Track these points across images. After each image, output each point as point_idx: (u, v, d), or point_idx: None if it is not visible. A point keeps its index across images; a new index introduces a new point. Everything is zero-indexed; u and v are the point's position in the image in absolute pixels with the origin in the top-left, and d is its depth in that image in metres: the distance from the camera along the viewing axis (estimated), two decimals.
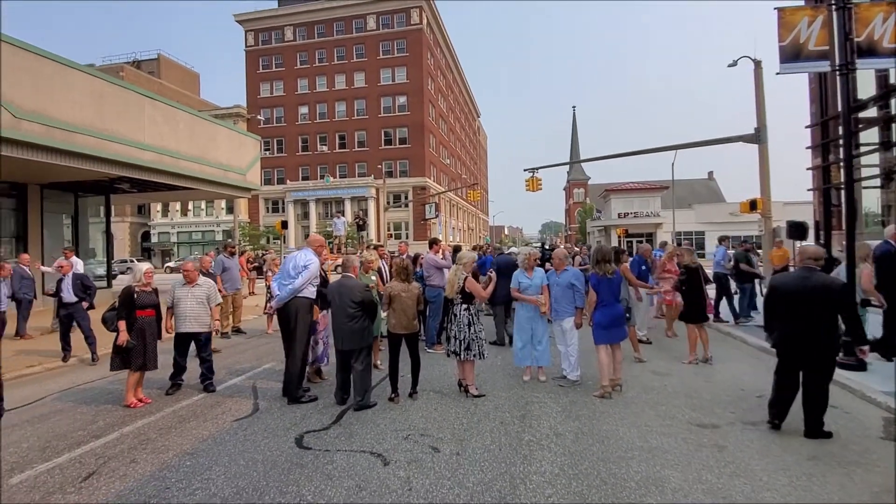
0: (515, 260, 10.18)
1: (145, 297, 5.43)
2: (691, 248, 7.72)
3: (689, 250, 7.42)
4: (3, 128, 8.79)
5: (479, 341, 5.28)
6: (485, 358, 5.46)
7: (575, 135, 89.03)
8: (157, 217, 52.93)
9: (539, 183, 21.45)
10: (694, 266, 6.96)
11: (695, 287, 6.88)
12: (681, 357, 7.08)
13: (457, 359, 5.42)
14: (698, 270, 6.96)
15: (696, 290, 6.88)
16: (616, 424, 4.56)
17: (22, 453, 4.15)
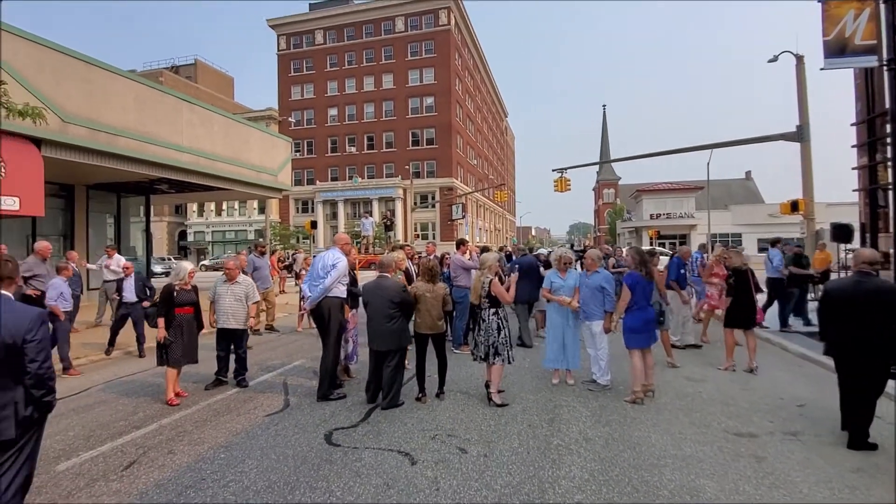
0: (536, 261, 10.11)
1: (184, 296, 5.53)
2: (740, 250, 7.26)
3: (737, 252, 6.99)
4: (51, 131, 9.28)
5: (508, 345, 5.18)
6: (512, 362, 5.36)
7: (605, 134, 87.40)
8: (193, 217, 54.82)
9: (568, 183, 21.15)
10: (743, 269, 6.56)
11: (744, 291, 6.48)
12: (716, 363, 6.84)
13: (481, 361, 5.31)
14: (748, 273, 6.54)
15: (745, 293, 6.48)
16: (648, 431, 4.45)
17: (68, 441, 4.36)
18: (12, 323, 2.48)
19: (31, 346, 2.49)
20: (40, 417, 2.62)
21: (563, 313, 5.94)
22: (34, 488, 3.43)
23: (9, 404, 2.47)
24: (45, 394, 2.56)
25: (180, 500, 3.28)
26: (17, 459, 2.53)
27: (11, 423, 2.47)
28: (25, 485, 2.62)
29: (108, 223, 16.04)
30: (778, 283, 9.45)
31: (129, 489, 3.47)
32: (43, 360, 2.53)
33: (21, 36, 8.94)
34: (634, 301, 5.31)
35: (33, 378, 2.50)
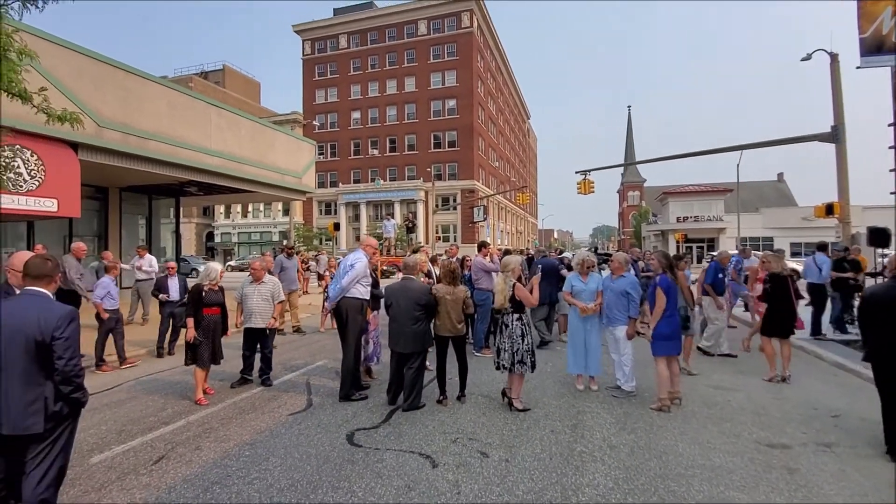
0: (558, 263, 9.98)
1: (212, 296, 5.61)
2: (780, 254, 6.93)
3: (776, 256, 6.66)
4: (88, 136, 9.65)
5: (531, 352, 5.06)
6: (534, 371, 5.23)
7: (630, 136, 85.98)
8: (220, 218, 56.21)
9: (591, 186, 20.87)
10: (784, 274, 6.28)
11: (782, 297, 6.21)
12: (747, 371, 6.63)
13: (504, 370, 5.16)
14: (787, 279, 6.26)
15: (783, 300, 6.21)
16: (675, 440, 4.33)
17: (101, 435, 4.51)
18: (43, 320, 2.57)
19: (58, 343, 2.57)
20: (71, 412, 2.70)
21: (585, 317, 5.85)
22: (69, 479, 3.55)
23: (38, 399, 2.56)
24: (73, 390, 2.63)
25: (206, 496, 3.35)
26: (50, 452, 2.62)
27: (41, 417, 2.55)
28: (59, 476, 2.71)
29: (139, 224, 16.59)
30: (820, 289, 9.08)
31: (158, 483, 3.56)
32: (70, 357, 2.59)
33: (62, 45, 9.34)
34: (666, 307, 5.18)
35: (60, 375, 2.58)
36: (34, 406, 2.54)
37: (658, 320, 5.15)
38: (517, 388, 5.11)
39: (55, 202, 9.21)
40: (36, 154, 8.84)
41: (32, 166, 8.77)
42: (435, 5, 48.65)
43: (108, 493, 3.43)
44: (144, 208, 16.53)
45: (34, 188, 8.83)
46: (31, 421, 2.53)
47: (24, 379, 2.54)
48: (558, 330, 9.05)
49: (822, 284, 9.00)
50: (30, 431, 2.54)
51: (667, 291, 5.15)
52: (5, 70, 5.39)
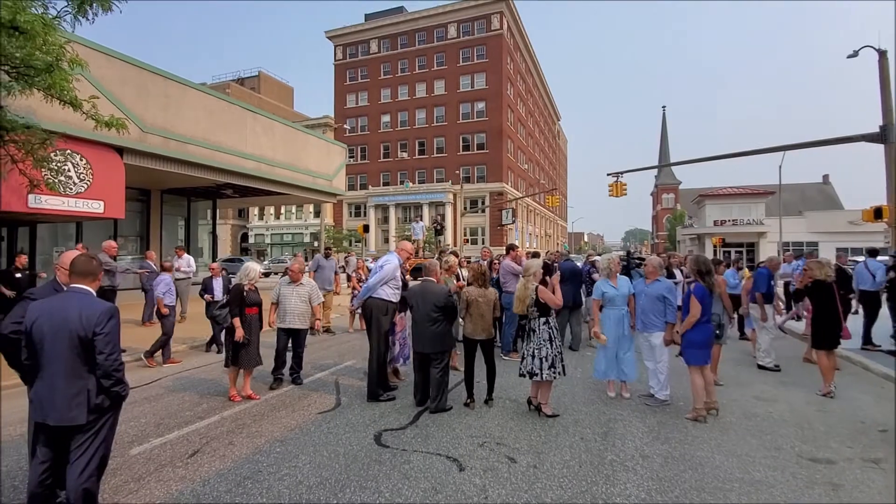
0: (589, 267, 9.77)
1: (252, 296, 5.64)
2: (822, 261, 6.49)
3: (819, 263, 6.28)
4: (132, 141, 10.10)
5: (561, 357, 4.94)
6: (566, 374, 5.11)
7: (665, 136, 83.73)
8: (255, 220, 57.84)
9: (624, 188, 20.40)
10: (828, 281, 5.93)
11: (827, 306, 5.87)
12: (789, 382, 6.32)
13: (531, 377, 4.99)
14: (832, 287, 5.91)
15: (828, 309, 5.87)
16: (712, 451, 4.16)
17: (141, 427, 4.69)
18: (85, 317, 2.69)
19: (99, 338, 2.68)
20: (112, 405, 2.81)
21: (616, 323, 5.68)
22: (110, 469, 3.70)
23: (82, 392, 2.68)
24: (114, 384, 2.73)
25: (239, 490, 3.43)
26: (93, 443, 2.74)
27: (84, 409, 2.67)
28: (101, 466, 2.82)
29: (179, 225, 17.26)
30: (874, 296, 8.54)
31: (193, 476, 3.66)
32: (110, 352, 2.70)
33: (109, 54, 9.82)
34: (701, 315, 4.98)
35: (101, 369, 2.69)
36: (78, 398, 2.66)
37: (688, 328, 4.98)
38: (546, 394, 5.01)
39: (102, 204, 9.68)
40: (85, 158, 9.32)
41: (81, 170, 9.25)
42: (464, 8, 48.76)
43: (146, 483, 3.55)
44: (183, 210, 17.20)
45: (83, 190, 9.31)
46: (75, 413, 2.65)
47: (69, 373, 2.67)
48: (588, 335, 8.87)
49: (876, 292, 8.47)
50: (74, 423, 2.66)
51: (701, 300, 4.95)
52: (58, 79, 5.71)
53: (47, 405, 2.66)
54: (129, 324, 10.37)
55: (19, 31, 4.87)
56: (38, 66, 5.51)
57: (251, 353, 5.51)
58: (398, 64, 52.17)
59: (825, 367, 5.86)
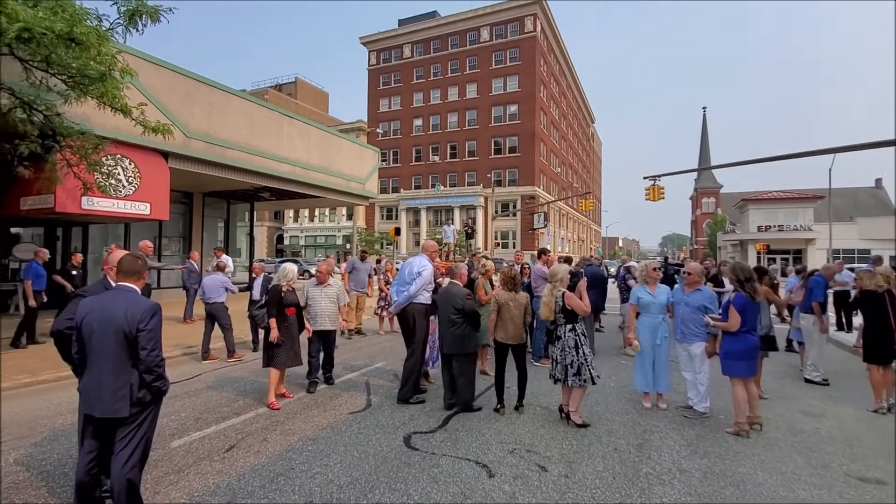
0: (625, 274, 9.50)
1: (290, 297, 5.56)
2: (874, 270, 6.06)
3: (870, 272, 5.80)
4: (177, 145, 10.56)
5: (588, 365, 4.79)
6: (596, 383, 4.94)
7: (705, 138, 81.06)
8: (290, 222, 59.42)
9: (661, 192, 19.82)
10: (879, 292, 5.58)
11: (878, 318, 5.54)
12: (839, 397, 5.95)
13: (559, 383, 4.96)
14: (884, 297, 5.55)
15: (879, 321, 5.54)
16: (755, 468, 3.96)
17: (181, 421, 4.87)
18: (130, 313, 2.80)
19: (142, 335, 2.79)
20: (153, 400, 2.91)
21: (652, 331, 5.49)
22: (153, 461, 3.86)
23: (126, 386, 2.80)
24: (154, 379, 2.84)
25: (272, 486, 3.50)
26: (135, 435, 2.85)
27: (127, 403, 2.79)
28: (143, 458, 2.93)
29: (219, 227, 17.90)
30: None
31: (229, 470, 3.77)
32: (151, 348, 2.80)
33: (157, 63, 10.31)
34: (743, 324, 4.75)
35: (143, 364, 2.79)
36: (122, 392, 2.78)
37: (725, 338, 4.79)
38: (576, 402, 4.88)
39: (148, 206, 10.15)
40: (133, 162, 9.80)
41: (130, 173, 9.73)
42: (497, 11, 48.72)
43: (185, 475, 3.67)
44: (223, 212, 17.84)
45: (131, 193, 9.78)
46: (119, 405, 2.77)
47: (115, 367, 2.79)
48: (622, 344, 8.66)
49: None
50: (118, 415, 2.78)
51: (742, 311, 4.72)
52: (110, 87, 6.03)
53: (94, 398, 2.79)
54: (170, 321, 10.82)
55: (76, 42, 5.18)
56: (92, 75, 5.84)
57: (288, 353, 5.44)
58: (431, 68, 52.59)
59: (877, 382, 5.52)
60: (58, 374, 6.29)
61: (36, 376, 6.26)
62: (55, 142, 6.70)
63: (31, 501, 3.28)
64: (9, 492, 3.41)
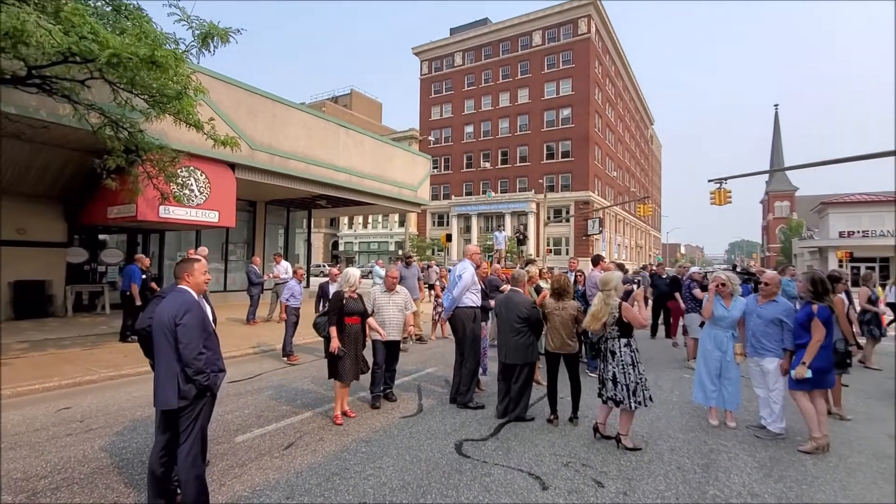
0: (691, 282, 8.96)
1: (353, 304, 5.17)
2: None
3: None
4: (243, 157, 11.21)
5: (644, 384, 4.43)
6: (649, 405, 4.51)
7: (777, 138, 75.74)
8: (344, 228, 61.43)
9: (728, 195, 18.66)
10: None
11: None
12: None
13: (615, 405, 4.45)
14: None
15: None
16: (835, 495, 3.60)
17: (244, 417, 5.12)
18: (172, 310, 3.00)
19: (179, 329, 2.96)
20: (198, 394, 3.04)
21: (719, 343, 5.16)
22: (219, 454, 4.08)
23: (173, 378, 2.97)
24: (195, 373, 2.97)
25: (328, 485, 3.59)
26: (193, 429, 3.02)
27: (174, 394, 2.96)
28: (202, 450, 3.10)
29: (279, 234, 18.81)
30: None
31: (288, 467, 3.91)
32: (187, 342, 2.95)
33: (225, 80, 11.03)
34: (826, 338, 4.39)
35: (182, 357, 2.96)
36: (170, 384, 2.97)
37: (814, 355, 4.40)
38: (627, 424, 4.47)
39: (217, 214, 10.83)
40: (204, 173, 10.51)
41: (202, 184, 10.44)
42: (550, 14, 48.12)
43: (248, 470, 3.85)
44: (283, 219, 18.73)
45: (202, 202, 10.49)
46: (168, 397, 2.96)
47: (165, 362, 3.00)
48: (686, 356, 8.20)
49: None
50: (168, 407, 2.97)
51: (826, 323, 4.36)
52: (186, 105, 6.50)
53: (154, 391, 3.03)
54: (235, 322, 11.46)
55: (157, 64, 5.64)
56: (170, 94, 6.33)
57: (350, 366, 5.01)
58: (482, 75, 52.75)
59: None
60: (137, 370, 6.82)
61: (119, 370, 6.83)
62: (137, 156, 7.32)
63: (112, 485, 3.56)
64: (94, 476, 3.72)
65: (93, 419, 5.04)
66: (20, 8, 4.50)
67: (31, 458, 4.07)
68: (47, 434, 4.61)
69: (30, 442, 4.41)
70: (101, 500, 3.37)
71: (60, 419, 5.04)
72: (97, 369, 6.81)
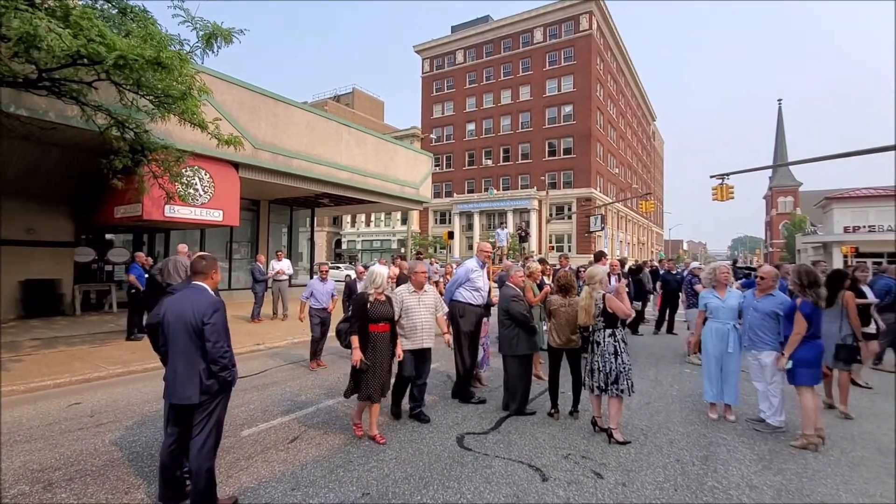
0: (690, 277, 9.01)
1: (380, 309, 4.37)
2: None
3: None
4: (246, 156, 11.30)
5: (627, 373, 4.55)
6: (632, 394, 4.62)
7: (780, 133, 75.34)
8: (347, 227, 61.55)
9: (730, 191, 18.64)
10: None
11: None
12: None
13: (595, 394, 4.65)
14: None
15: None
16: (836, 488, 3.65)
17: (250, 412, 5.21)
18: (196, 309, 3.07)
19: (207, 328, 3.03)
20: (220, 389, 3.14)
21: (722, 338, 5.20)
22: (225, 447, 4.16)
23: (195, 375, 3.06)
24: (220, 370, 3.07)
25: (332, 477, 3.67)
26: (208, 422, 3.11)
27: (196, 390, 3.05)
28: (216, 444, 3.18)
29: (282, 232, 18.92)
30: None
31: (293, 460, 4.00)
32: (216, 340, 3.03)
33: (228, 80, 11.11)
34: (811, 331, 4.45)
35: (209, 355, 3.04)
36: (192, 380, 3.05)
37: (794, 348, 4.50)
38: (616, 416, 4.53)
39: (221, 213, 10.93)
40: (208, 173, 10.61)
41: (206, 183, 10.54)
42: (551, 11, 47.99)
43: (254, 462, 3.94)
44: (286, 218, 18.84)
45: (206, 201, 10.59)
46: (190, 392, 3.04)
47: (185, 358, 3.07)
48: (686, 351, 8.24)
49: None
50: (189, 402, 3.05)
51: (808, 317, 4.44)
52: (190, 105, 6.58)
53: (170, 386, 3.10)
54: (240, 320, 11.58)
55: (162, 66, 5.71)
56: (174, 94, 6.41)
57: (376, 382, 4.28)
58: (483, 72, 52.69)
59: None
60: (145, 366, 6.94)
61: (127, 367, 6.94)
62: (143, 156, 7.42)
63: (123, 477, 3.66)
64: (105, 468, 3.82)
65: (103, 414, 5.14)
66: (32, 14, 4.58)
67: (45, 450, 4.18)
68: (60, 428, 4.72)
69: (44, 435, 4.52)
70: (113, 490, 3.46)
71: (72, 414, 5.15)
72: (106, 366, 6.92)
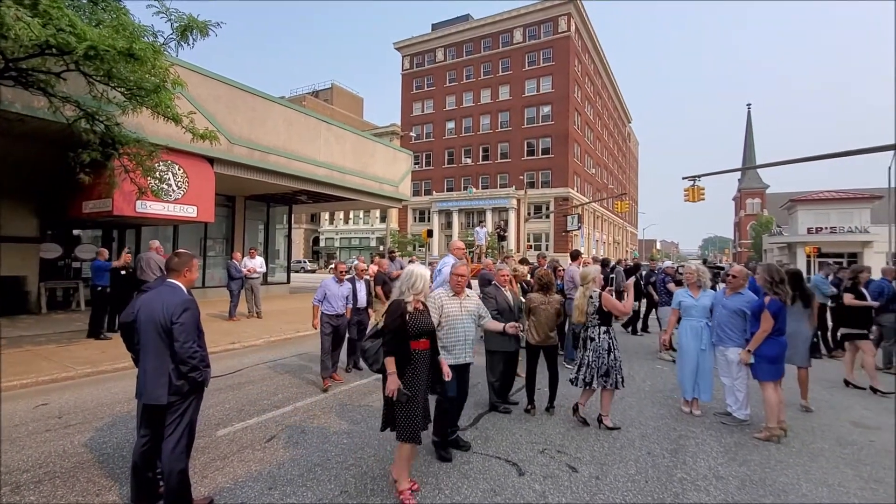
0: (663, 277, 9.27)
1: (420, 320, 3.43)
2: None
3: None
4: (221, 151, 11.07)
5: (617, 368, 4.76)
6: (622, 387, 4.86)
7: (749, 136, 77.78)
8: (325, 224, 60.86)
9: (701, 193, 19.18)
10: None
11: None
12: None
13: (586, 387, 4.81)
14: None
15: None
16: (798, 478, 3.83)
17: (225, 412, 5.13)
18: (166, 308, 2.99)
19: (175, 327, 2.96)
20: (191, 390, 3.07)
21: (696, 337, 5.37)
22: (200, 447, 4.10)
23: (164, 375, 2.99)
24: (190, 370, 3.00)
25: (310, 475, 3.66)
26: (180, 423, 3.04)
27: (165, 391, 2.98)
28: (188, 445, 3.12)
29: (259, 229, 18.60)
30: None
31: (270, 459, 3.97)
32: (184, 340, 2.96)
33: (203, 73, 10.86)
34: (776, 328, 4.65)
35: (178, 355, 2.97)
36: (161, 380, 2.98)
37: (759, 344, 4.70)
38: (607, 405, 4.85)
39: (195, 209, 10.69)
40: (182, 168, 10.36)
41: (179, 178, 10.29)
42: (531, 12, 48.41)
43: (230, 462, 3.90)
44: (263, 215, 18.53)
45: (180, 197, 10.34)
46: (159, 393, 2.98)
47: (156, 358, 3.00)
48: (658, 348, 8.49)
49: None
50: (158, 402, 2.98)
51: (775, 315, 4.64)
52: (164, 98, 6.43)
53: (141, 385, 3.03)
54: (217, 318, 11.35)
55: (134, 57, 5.56)
56: (147, 87, 6.25)
57: (416, 413, 3.32)
58: (463, 71, 52.79)
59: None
60: (115, 366, 6.75)
61: (96, 367, 6.74)
62: (114, 150, 7.19)
63: (93, 479, 3.57)
64: (75, 470, 3.72)
65: (71, 415, 4.99)
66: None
67: (12, 452, 4.04)
68: (27, 430, 4.57)
69: (10, 437, 4.37)
70: (83, 492, 3.38)
71: (39, 415, 4.99)
72: (74, 366, 6.71)
